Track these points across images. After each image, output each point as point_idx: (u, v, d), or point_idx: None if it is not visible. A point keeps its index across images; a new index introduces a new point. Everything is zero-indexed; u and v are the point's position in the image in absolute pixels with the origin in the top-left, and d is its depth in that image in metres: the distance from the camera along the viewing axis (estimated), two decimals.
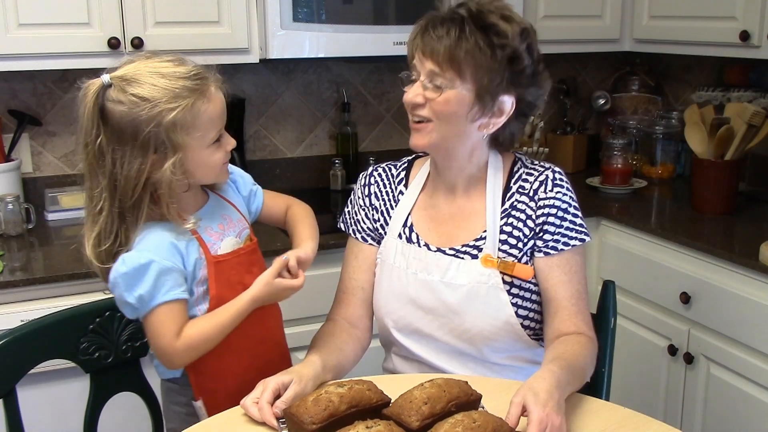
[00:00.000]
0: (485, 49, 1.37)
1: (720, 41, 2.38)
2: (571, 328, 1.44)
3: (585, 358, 1.38)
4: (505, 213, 1.50)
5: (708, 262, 2.09)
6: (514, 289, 1.46)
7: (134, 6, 2.12)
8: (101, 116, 1.24)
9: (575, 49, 2.76)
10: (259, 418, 1.25)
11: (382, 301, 1.54)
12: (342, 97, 2.76)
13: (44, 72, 2.35)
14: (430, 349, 1.51)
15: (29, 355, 1.43)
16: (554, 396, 1.19)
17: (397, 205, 1.57)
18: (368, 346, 1.58)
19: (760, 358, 1.95)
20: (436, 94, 1.39)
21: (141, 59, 1.29)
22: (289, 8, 2.24)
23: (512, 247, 1.47)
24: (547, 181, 1.49)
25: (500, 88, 1.40)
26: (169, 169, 1.25)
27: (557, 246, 1.46)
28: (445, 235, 1.52)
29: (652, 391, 2.29)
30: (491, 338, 1.46)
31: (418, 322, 1.50)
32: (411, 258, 1.51)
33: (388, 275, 1.53)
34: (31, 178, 2.42)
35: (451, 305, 1.47)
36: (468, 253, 1.48)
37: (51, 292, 1.89)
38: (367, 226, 1.59)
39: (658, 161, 2.88)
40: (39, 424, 1.86)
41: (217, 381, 1.39)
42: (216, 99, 1.30)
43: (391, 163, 1.63)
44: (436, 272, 1.48)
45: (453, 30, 1.37)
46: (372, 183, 1.61)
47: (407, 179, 1.59)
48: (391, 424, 1.15)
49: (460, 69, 1.38)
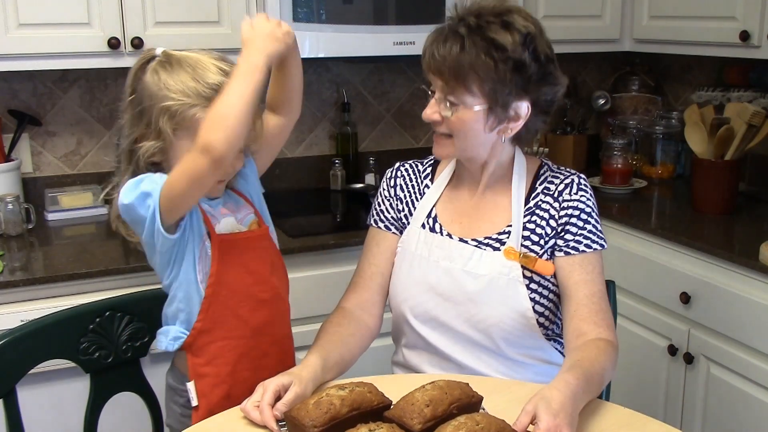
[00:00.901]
0: (488, 64, 1.38)
1: (720, 41, 2.39)
2: (591, 326, 1.43)
3: (603, 364, 1.36)
4: (529, 211, 1.52)
5: (708, 262, 2.09)
6: (533, 284, 1.48)
7: (134, 6, 2.12)
8: (137, 78, 1.36)
9: (575, 49, 2.76)
10: (260, 421, 1.25)
11: (399, 287, 1.55)
12: (342, 97, 2.76)
13: (44, 72, 2.35)
14: (446, 338, 1.52)
15: (29, 355, 1.43)
16: (567, 407, 1.19)
17: (422, 198, 1.59)
18: (377, 335, 1.58)
19: (760, 358, 1.96)
20: (450, 113, 1.43)
21: (203, 53, 1.37)
22: (289, 8, 2.24)
23: (534, 244, 1.50)
24: (572, 184, 1.53)
25: (511, 97, 1.41)
26: (147, 149, 1.33)
27: (578, 247, 1.48)
28: (468, 227, 1.54)
29: (652, 391, 2.30)
30: (506, 330, 1.48)
31: (435, 309, 1.52)
32: (434, 247, 1.53)
33: (409, 263, 1.55)
34: (31, 178, 2.42)
35: (470, 294, 1.48)
36: (490, 245, 1.50)
37: (51, 292, 1.89)
38: (391, 216, 1.61)
39: (658, 161, 2.88)
40: (39, 424, 1.86)
41: (210, 365, 1.39)
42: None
43: (418, 160, 1.67)
44: (459, 260, 1.50)
45: (454, 47, 1.39)
46: (398, 176, 1.64)
47: (433, 175, 1.62)
48: (393, 426, 1.15)
49: (467, 86, 1.40)
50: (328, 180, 2.74)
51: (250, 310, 1.39)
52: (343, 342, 1.48)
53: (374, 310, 1.58)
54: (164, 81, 1.31)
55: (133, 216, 1.31)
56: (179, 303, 1.38)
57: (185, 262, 1.35)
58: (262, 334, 1.42)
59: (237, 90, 1.24)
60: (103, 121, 2.48)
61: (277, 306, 1.46)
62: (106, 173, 2.46)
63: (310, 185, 2.77)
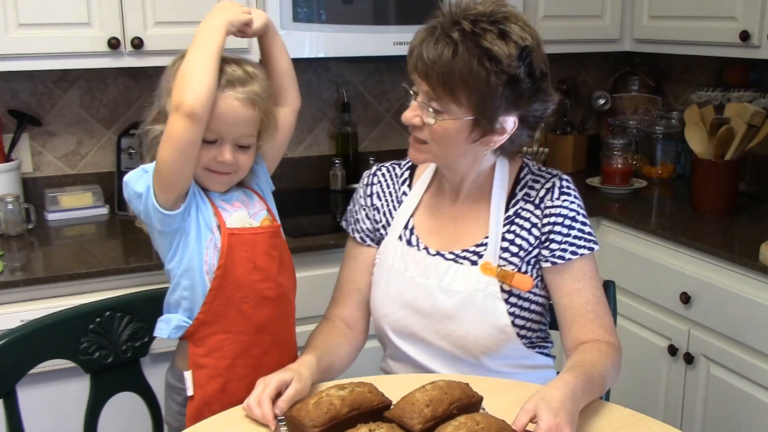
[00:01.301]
0: (480, 75, 1.29)
1: (720, 41, 2.38)
2: (589, 335, 1.41)
3: (605, 365, 1.34)
4: (509, 220, 1.47)
5: (708, 262, 2.09)
6: (512, 298, 1.44)
7: (134, 6, 2.11)
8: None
9: (575, 49, 2.76)
10: (260, 417, 1.24)
11: (378, 302, 1.53)
12: (342, 97, 2.76)
13: (44, 72, 2.35)
14: (426, 354, 1.50)
15: (29, 355, 1.43)
16: (567, 406, 1.17)
17: (400, 206, 1.55)
18: (363, 348, 1.58)
19: (760, 358, 1.95)
20: (433, 120, 1.35)
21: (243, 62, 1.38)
22: (289, 8, 2.24)
23: (513, 255, 1.45)
24: (553, 188, 1.46)
25: (500, 110, 1.33)
26: (154, 131, 1.35)
27: (564, 255, 1.43)
28: (446, 238, 1.50)
29: (652, 391, 2.30)
30: (486, 345, 1.44)
31: (413, 325, 1.49)
32: (409, 261, 1.49)
33: (386, 277, 1.52)
34: (31, 178, 2.41)
35: (446, 311, 1.45)
36: (468, 259, 1.46)
37: (51, 292, 1.89)
38: (366, 227, 1.58)
39: (658, 161, 2.88)
40: (39, 424, 1.86)
41: (209, 357, 1.39)
42: (226, 106, 1.31)
43: (396, 162, 1.61)
44: (434, 277, 1.47)
45: (446, 52, 1.29)
46: (375, 183, 1.60)
47: (411, 179, 1.58)
48: (393, 426, 1.15)
49: (454, 95, 1.32)
50: (328, 180, 2.74)
51: (254, 307, 1.39)
52: (334, 350, 1.48)
53: (357, 326, 1.57)
54: (176, 68, 1.32)
55: (130, 193, 1.33)
56: (183, 291, 1.38)
57: (191, 250, 1.35)
58: (264, 333, 1.42)
59: (197, 50, 1.29)
60: (103, 121, 2.48)
61: (282, 305, 1.45)
62: (106, 173, 2.49)
63: (310, 185, 2.77)
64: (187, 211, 1.34)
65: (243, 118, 1.34)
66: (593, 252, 1.45)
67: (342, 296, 1.58)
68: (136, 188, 1.32)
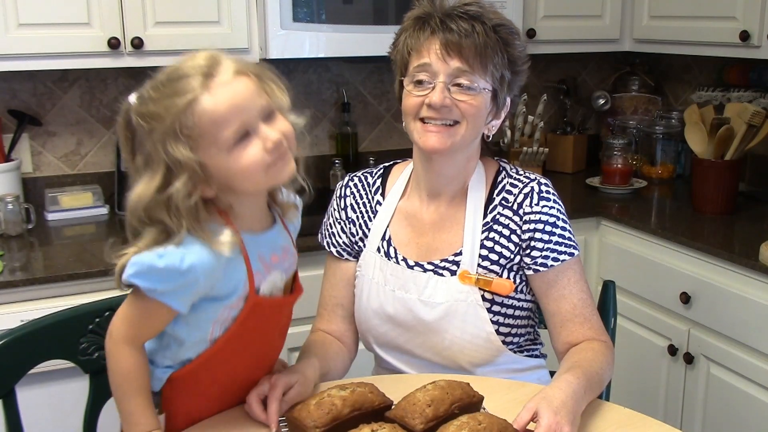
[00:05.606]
0: (502, 48, 1.36)
1: (720, 41, 2.39)
2: (579, 338, 1.41)
3: (601, 364, 1.34)
4: (487, 227, 1.45)
5: (708, 262, 2.09)
6: (495, 306, 1.42)
7: (134, 6, 2.11)
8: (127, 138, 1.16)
9: (575, 49, 2.76)
10: (263, 418, 1.22)
11: (362, 316, 1.52)
12: (342, 97, 2.76)
13: (44, 72, 2.35)
14: (414, 366, 1.49)
15: (29, 355, 1.43)
16: (568, 405, 1.18)
17: (375, 216, 1.52)
18: (355, 357, 1.58)
19: (760, 358, 1.95)
20: (467, 96, 1.35)
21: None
22: (289, 8, 2.24)
23: (493, 263, 1.43)
24: (532, 194, 1.43)
25: (506, 87, 1.40)
26: (179, 190, 1.08)
27: (546, 263, 1.41)
28: (424, 248, 1.48)
29: (652, 391, 2.30)
30: (472, 354, 1.44)
31: (398, 338, 1.48)
32: (389, 274, 1.47)
33: (368, 291, 1.50)
34: (31, 178, 2.42)
35: (428, 324, 1.43)
36: (447, 269, 1.44)
37: (51, 292, 1.89)
38: (343, 241, 1.55)
39: (658, 161, 2.88)
40: (39, 424, 1.86)
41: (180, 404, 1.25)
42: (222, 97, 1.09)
43: (367, 171, 1.59)
44: (414, 290, 1.45)
45: (477, 26, 1.34)
46: (348, 195, 1.56)
47: (384, 188, 1.55)
48: (395, 427, 1.15)
49: (487, 67, 1.35)
50: (328, 180, 2.74)
51: (245, 370, 1.27)
52: (332, 358, 1.47)
53: (346, 339, 1.56)
54: (150, 115, 1.08)
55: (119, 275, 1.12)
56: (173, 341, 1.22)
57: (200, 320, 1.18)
58: (244, 390, 1.28)
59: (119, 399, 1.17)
60: (103, 121, 2.48)
61: (271, 365, 1.33)
62: (106, 173, 2.49)
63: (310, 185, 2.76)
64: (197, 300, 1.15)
65: (247, 90, 1.13)
66: (576, 256, 1.43)
67: (327, 311, 1.57)
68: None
